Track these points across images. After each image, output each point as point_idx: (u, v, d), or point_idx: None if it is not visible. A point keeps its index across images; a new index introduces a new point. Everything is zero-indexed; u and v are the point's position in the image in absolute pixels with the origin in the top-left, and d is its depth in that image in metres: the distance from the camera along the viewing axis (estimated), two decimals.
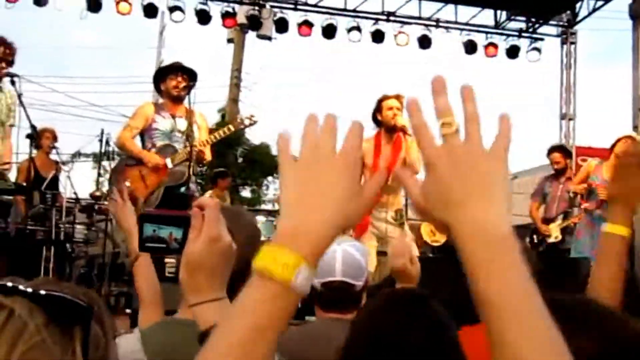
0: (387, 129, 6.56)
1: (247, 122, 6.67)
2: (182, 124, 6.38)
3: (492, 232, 0.90)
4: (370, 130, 6.71)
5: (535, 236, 8.69)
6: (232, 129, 6.56)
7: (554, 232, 8.51)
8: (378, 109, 6.61)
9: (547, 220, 8.64)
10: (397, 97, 6.54)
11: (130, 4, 11.29)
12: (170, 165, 6.25)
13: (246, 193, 20.86)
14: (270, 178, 21.15)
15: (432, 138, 0.96)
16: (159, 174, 6.24)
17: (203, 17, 11.70)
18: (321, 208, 0.95)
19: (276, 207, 10.27)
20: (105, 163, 9.45)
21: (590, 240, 7.54)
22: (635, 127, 9.89)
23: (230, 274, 1.37)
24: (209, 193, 10.19)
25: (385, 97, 6.57)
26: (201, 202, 1.40)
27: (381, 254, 6.55)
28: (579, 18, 12.95)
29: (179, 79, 6.43)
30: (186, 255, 1.37)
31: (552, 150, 8.77)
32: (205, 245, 1.35)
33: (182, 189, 6.21)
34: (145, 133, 6.41)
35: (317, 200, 0.95)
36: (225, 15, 11.86)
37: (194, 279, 1.37)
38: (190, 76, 6.51)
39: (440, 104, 0.96)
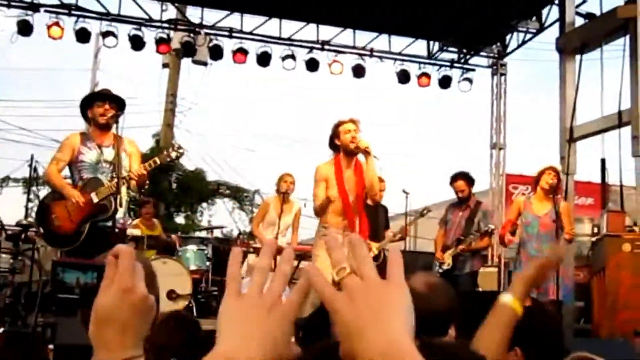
0: (346, 153, 6.70)
1: (173, 155, 6.50)
2: (109, 154, 6.27)
3: (395, 352, 0.94)
4: (327, 156, 6.94)
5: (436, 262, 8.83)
6: (158, 162, 6.38)
7: (447, 260, 8.64)
8: (335, 134, 6.75)
9: (446, 248, 8.78)
10: (353, 121, 6.72)
11: (62, 28, 11.15)
12: (95, 199, 6.13)
13: (180, 219, 20.65)
14: (204, 204, 21.00)
15: (329, 285, 1.01)
16: (83, 209, 6.14)
17: (136, 43, 11.59)
18: (252, 341, 1.01)
19: (209, 235, 10.16)
20: (35, 188, 9.26)
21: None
22: (562, 158, 10.11)
23: None
24: (134, 223, 10.00)
25: (341, 122, 6.73)
26: (117, 250, 1.27)
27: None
28: (508, 50, 13.25)
29: (107, 106, 6.30)
30: (96, 306, 1.23)
31: (455, 178, 8.83)
32: (117, 296, 1.22)
33: (109, 223, 6.09)
34: (72, 165, 6.30)
35: (249, 335, 1.02)
36: (160, 42, 11.76)
37: (103, 334, 1.22)
38: (119, 104, 6.40)
39: (335, 258, 1.03)
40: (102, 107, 6.29)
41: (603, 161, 10.06)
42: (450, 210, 8.87)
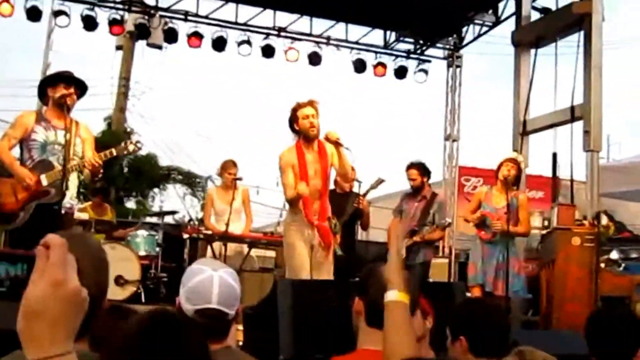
0: (305, 138, 6.53)
1: (131, 148, 6.46)
2: (62, 136, 6.13)
3: None
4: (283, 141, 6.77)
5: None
6: (115, 153, 6.33)
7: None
8: (294, 118, 6.56)
9: None
10: (311, 103, 6.54)
11: (12, 5, 10.86)
12: (45, 182, 5.99)
13: (131, 204, 20.38)
14: (156, 189, 20.77)
15: None
16: (30, 190, 5.98)
17: (89, 23, 11.35)
18: None
19: (159, 220, 9.97)
20: None
21: (482, 266, 7.78)
22: (515, 150, 10.18)
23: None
24: (83, 205, 9.75)
25: (299, 106, 6.53)
26: (47, 240, 1.19)
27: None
28: (464, 42, 13.31)
29: (71, 89, 6.20)
30: (25, 300, 1.16)
31: (409, 167, 8.77)
32: (48, 289, 1.15)
33: (56, 206, 5.96)
34: (23, 143, 6.15)
35: None
36: (113, 23, 11.52)
37: (33, 329, 1.15)
38: (82, 89, 6.33)
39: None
40: (67, 89, 6.16)
41: (555, 155, 10.18)
42: (405, 200, 8.82)
